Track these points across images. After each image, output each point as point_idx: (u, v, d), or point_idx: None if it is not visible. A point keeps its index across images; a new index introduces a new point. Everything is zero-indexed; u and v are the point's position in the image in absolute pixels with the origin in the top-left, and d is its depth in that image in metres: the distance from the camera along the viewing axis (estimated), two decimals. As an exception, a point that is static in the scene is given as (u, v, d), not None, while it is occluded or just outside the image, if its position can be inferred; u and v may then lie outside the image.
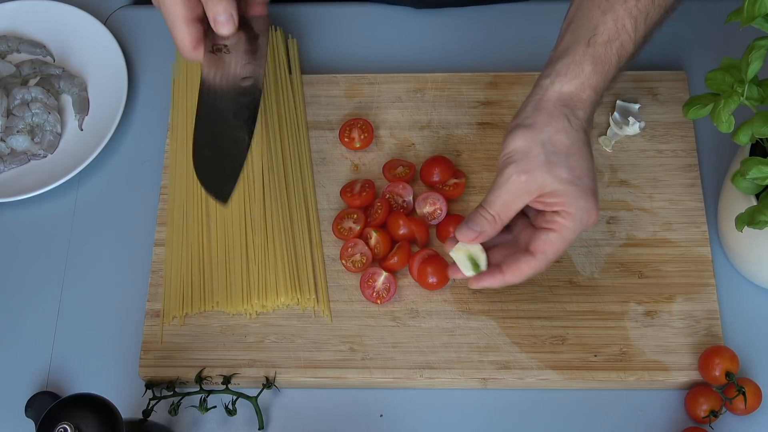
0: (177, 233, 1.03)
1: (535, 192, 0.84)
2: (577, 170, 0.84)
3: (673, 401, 0.95)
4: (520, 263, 0.86)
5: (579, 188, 0.84)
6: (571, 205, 0.84)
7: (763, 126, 0.82)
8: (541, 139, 0.84)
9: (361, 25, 1.17)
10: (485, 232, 0.86)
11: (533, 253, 0.86)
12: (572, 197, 0.84)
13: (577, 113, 0.85)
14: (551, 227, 0.85)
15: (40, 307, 1.02)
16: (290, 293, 0.98)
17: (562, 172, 0.83)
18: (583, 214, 0.85)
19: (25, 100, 1.11)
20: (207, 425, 0.95)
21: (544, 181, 0.83)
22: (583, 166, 0.85)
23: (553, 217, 0.85)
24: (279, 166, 1.05)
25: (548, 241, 0.85)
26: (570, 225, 0.85)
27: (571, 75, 0.85)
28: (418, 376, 0.95)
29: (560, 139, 0.84)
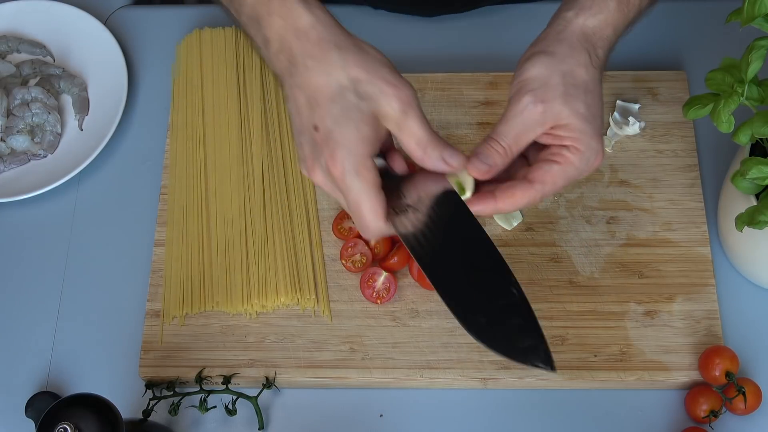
0: (177, 233, 1.03)
1: (549, 123, 0.79)
2: (593, 108, 0.80)
3: (673, 401, 0.95)
4: (515, 190, 0.80)
5: (592, 127, 0.80)
6: (583, 141, 0.79)
7: (763, 126, 0.82)
8: (562, 69, 0.79)
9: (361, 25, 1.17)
10: (497, 165, 0.79)
11: (531, 181, 0.80)
12: (585, 134, 0.79)
13: (597, 51, 0.81)
14: (556, 159, 0.80)
15: (40, 307, 1.02)
16: (290, 293, 0.98)
17: (579, 106, 0.79)
18: (591, 153, 0.80)
19: (25, 100, 1.11)
20: (207, 425, 0.95)
21: (560, 113, 0.78)
22: (598, 105, 0.81)
23: (560, 150, 0.80)
24: (279, 166, 1.05)
25: (550, 172, 0.80)
26: (576, 161, 0.80)
27: (595, 9, 0.82)
28: (418, 376, 0.95)
29: (580, 73, 0.80)
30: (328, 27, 0.77)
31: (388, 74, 0.76)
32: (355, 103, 0.75)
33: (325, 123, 0.75)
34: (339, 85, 0.75)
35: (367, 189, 0.75)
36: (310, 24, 0.77)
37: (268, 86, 1.10)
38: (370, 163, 0.76)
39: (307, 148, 0.78)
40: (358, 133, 0.75)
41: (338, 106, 0.75)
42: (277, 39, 0.78)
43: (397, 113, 0.75)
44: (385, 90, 0.75)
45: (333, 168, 0.75)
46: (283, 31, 0.77)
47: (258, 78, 1.10)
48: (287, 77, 0.78)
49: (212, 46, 1.13)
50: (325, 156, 0.76)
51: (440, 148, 0.77)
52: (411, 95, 0.76)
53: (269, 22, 0.78)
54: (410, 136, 0.76)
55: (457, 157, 0.78)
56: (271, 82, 1.10)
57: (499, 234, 1.01)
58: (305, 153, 0.78)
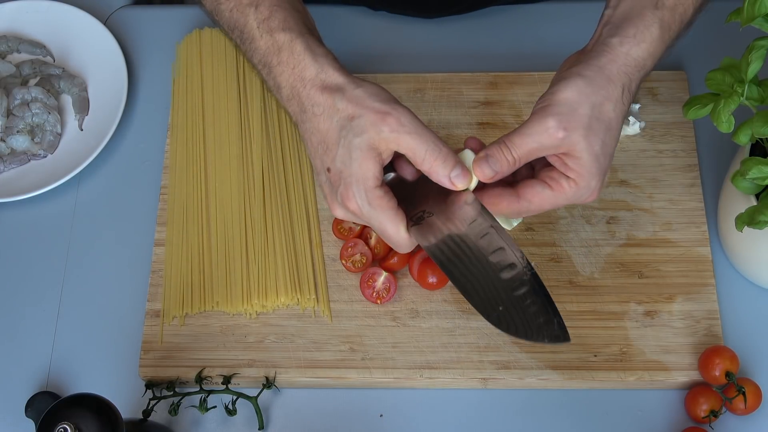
0: (177, 233, 1.03)
1: (562, 150, 0.80)
2: (607, 147, 0.81)
3: (673, 401, 0.95)
4: (502, 199, 0.83)
5: (599, 166, 0.81)
6: (584, 178, 0.81)
7: (763, 126, 0.82)
8: (593, 101, 0.80)
9: (361, 25, 1.17)
10: (502, 173, 0.82)
11: (519, 196, 0.82)
12: (589, 172, 0.81)
13: (632, 86, 0.82)
14: (551, 185, 0.82)
15: (40, 306, 1.02)
16: (290, 293, 0.98)
17: (596, 143, 0.80)
18: (586, 190, 0.82)
19: (25, 100, 1.11)
20: (207, 425, 0.95)
21: (576, 144, 0.80)
22: (612, 145, 0.82)
23: (559, 178, 0.82)
24: (279, 166, 1.05)
25: (540, 194, 0.82)
26: (569, 193, 0.82)
27: (639, 38, 0.82)
28: (418, 376, 0.95)
29: (608, 109, 0.81)
30: (331, 74, 0.83)
31: (376, 103, 0.80)
32: (353, 142, 0.80)
33: (335, 165, 0.81)
34: (340, 127, 0.81)
35: (384, 214, 0.81)
36: (315, 73, 0.83)
37: (268, 86, 1.10)
38: (380, 192, 0.81)
39: (326, 188, 0.84)
40: (362, 170, 0.80)
41: (342, 148, 0.81)
42: (288, 86, 0.85)
43: (391, 135, 0.79)
44: (374, 120, 0.79)
45: (349, 204, 0.81)
46: (292, 79, 0.84)
47: (258, 78, 1.10)
48: (300, 122, 0.85)
49: (212, 46, 1.13)
50: (339, 194, 0.82)
51: (449, 167, 0.80)
52: (401, 116, 0.80)
53: (279, 71, 0.85)
54: (411, 152, 0.80)
55: (463, 179, 0.81)
56: (271, 82, 1.10)
57: (499, 234, 1.01)
58: (325, 192, 0.84)
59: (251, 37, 0.88)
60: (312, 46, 0.85)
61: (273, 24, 0.87)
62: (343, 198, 0.81)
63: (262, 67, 0.88)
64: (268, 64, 0.87)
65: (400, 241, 0.83)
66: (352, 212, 0.82)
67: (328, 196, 0.84)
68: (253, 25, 0.88)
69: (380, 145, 0.80)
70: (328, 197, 0.84)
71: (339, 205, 0.83)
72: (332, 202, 0.83)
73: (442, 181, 0.81)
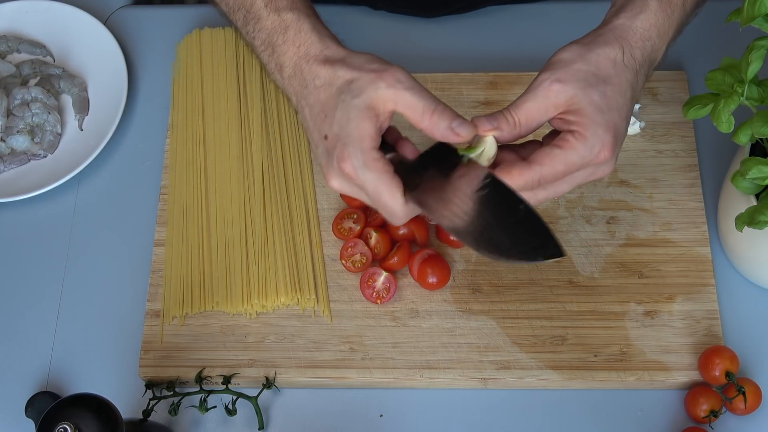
0: (177, 233, 1.03)
1: (561, 105, 0.79)
2: (610, 99, 0.80)
3: (673, 401, 0.95)
4: (513, 168, 0.80)
5: (604, 117, 0.79)
6: (589, 128, 0.79)
7: (763, 126, 0.82)
8: (588, 58, 0.80)
9: (361, 25, 1.17)
10: (501, 129, 0.80)
11: (529, 162, 0.80)
12: (593, 122, 0.79)
13: (634, 52, 0.82)
14: (559, 143, 0.79)
15: (40, 307, 1.02)
16: (290, 293, 0.98)
17: (594, 94, 0.79)
18: (597, 143, 0.79)
19: (25, 100, 1.11)
20: (207, 425, 0.95)
21: (573, 96, 0.79)
22: (618, 101, 0.80)
23: (565, 135, 0.80)
24: (279, 166, 1.05)
25: (550, 155, 0.79)
26: (579, 147, 0.79)
27: (636, 9, 0.83)
28: (418, 376, 0.95)
29: (606, 65, 0.81)
30: (334, 49, 0.84)
31: (374, 64, 0.81)
32: (352, 103, 0.79)
33: (332, 130, 0.80)
34: (339, 92, 0.81)
35: (380, 177, 0.79)
36: (320, 50, 0.84)
37: (268, 86, 1.10)
38: (376, 155, 0.79)
39: (323, 159, 0.82)
40: (360, 131, 0.79)
41: (340, 111, 0.80)
42: (291, 65, 0.85)
43: (388, 92, 0.79)
44: (371, 78, 0.79)
45: (344, 167, 0.79)
46: (297, 58, 0.85)
47: (258, 78, 1.10)
48: (300, 98, 0.84)
49: (212, 46, 1.13)
50: (335, 158, 0.80)
51: (448, 117, 0.79)
52: (397, 73, 0.79)
53: (284, 49, 0.86)
54: (411, 109, 0.79)
55: (466, 127, 0.79)
56: (271, 82, 1.10)
57: (499, 234, 1.01)
58: (322, 164, 0.83)
59: (257, 17, 0.88)
60: (318, 27, 0.86)
61: (280, 3, 0.87)
62: (339, 160, 0.79)
63: (265, 47, 0.87)
64: (272, 44, 0.87)
65: (395, 208, 0.79)
66: (347, 176, 0.80)
67: (325, 166, 0.82)
68: (260, 4, 0.88)
69: (378, 105, 0.79)
70: (325, 167, 0.82)
71: (335, 171, 0.80)
72: (328, 170, 0.81)
73: (444, 135, 0.79)
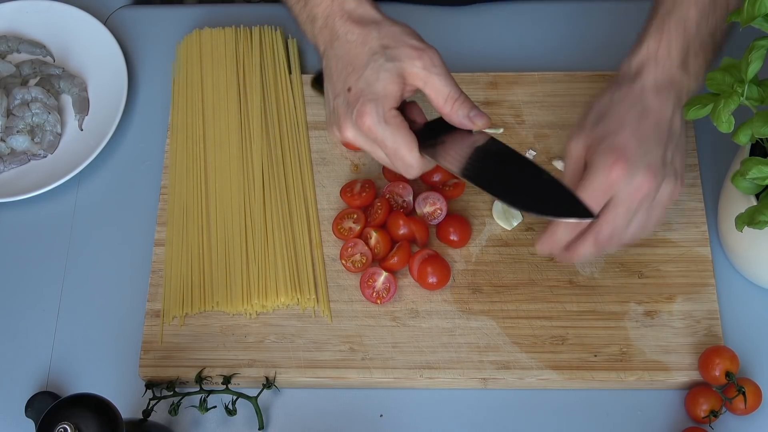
0: (177, 233, 1.03)
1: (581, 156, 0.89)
2: (608, 126, 0.89)
3: (673, 401, 0.95)
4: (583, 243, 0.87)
5: (602, 146, 0.87)
6: (592, 161, 0.87)
7: (763, 126, 0.82)
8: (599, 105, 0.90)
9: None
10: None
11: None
12: (596, 153, 0.87)
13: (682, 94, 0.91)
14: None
15: (40, 307, 1.02)
16: (290, 293, 0.98)
17: (595, 132, 0.89)
18: (604, 166, 0.86)
19: (25, 100, 1.11)
20: (207, 425, 0.95)
21: (570, 149, 0.90)
22: (621, 120, 0.89)
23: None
24: (279, 166, 1.05)
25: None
26: (590, 175, 0.86)
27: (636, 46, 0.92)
28: (418, 376, 0.95)
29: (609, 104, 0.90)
30: (368, 10, 0.89)
31: (413, 41, 0.87)
32: (385, 65, 0.85)
33: (357, 84, 0.86)
34: (372, 52, 0.86)
35: (398, 132, 0.85)
36: (354, 7, 0.89)
37: (268, 86, 1.10)
38: (396, 113, 0.86)
39: (341, 109, 0.87)
40: (385, 91, 0.85)
41: (370, 69, 0.86)
42: (323, 17, 0.90)
43: (422, 72, 0.85)
44: (410, 53, 0.86)
45: (363, 121, 0.85)
46: (330, 11, 0.90)
47: (258, 78, 1.10)
48: (328, 48, 0.90)
49: (212, 46, 1.13)
50: (355, 111, 0.85)
51: (467, 106, 0.86)
52: (434, 57, 0.86)
53: (317, 2, 0.91)
54: (436, 92, 0.86)
55: (482, 118, 0.87)
56: (271, 82, 1.10)
57: (499, 234, 1.01)
58: (338, 113, 0.88)
59: None
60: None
61: None
62: (359, 114, 0.85)
63: (297, 0, 0.93)
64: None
65: (411, 160, 0.86)
66: (365, 130, 0.85)
67: (342, 116, 0.87)
68: None
69: (408, 78, 0.86)
70: (341, 117, 0.87)
71: (352, 123, 0.86)
72: (345, 121, 0.87)
73: (462, 122, 0.86)
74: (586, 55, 1.13)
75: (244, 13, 1.19)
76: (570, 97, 1.08)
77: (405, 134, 0.85)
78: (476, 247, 1.01)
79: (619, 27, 1.14)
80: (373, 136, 0.86)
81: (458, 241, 1.00)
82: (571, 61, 1.12)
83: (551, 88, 1.08)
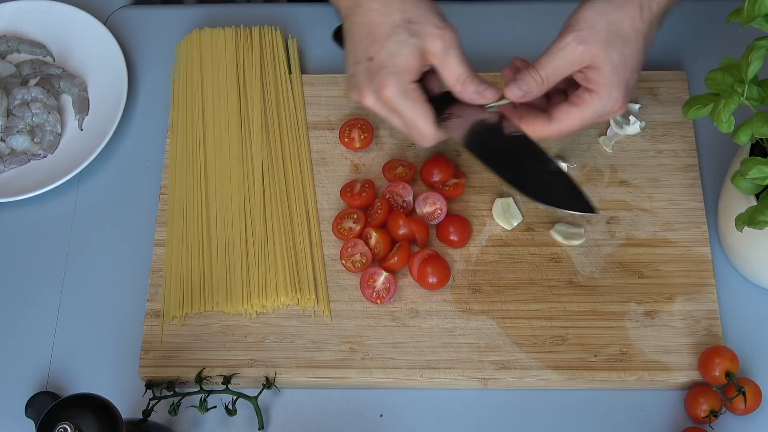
0: (177, 233, 1.03)
1: (585, 63, 0.88)
2: (627, 58, 0.88)
3: (673, 401, 0.95)
4: (536, 121, 0.90)
5: (619, 77, 0.88)
6: (604, 87, 0.88)
7: (763, 126, 0.82)
8: (610, 18, 0.88)
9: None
10: (532, 92, 0.90)
11: (550, 119, 0.90)
12: (609, 82, 0.88)
13: (651, 5, 0.89)
14: (576, 102, 0.89)
15: (40, 307, 1.02)
16: (290, 293, 0.98)
17: (614, 54, 0.87)
18: (609, 100, 0.88)
19: (25, 100, 1.11)
20: (207, 425, 0.95)
21: (596, 56, 0.87)
22: (633, 58, 0.89)
23: (582, 93, 0.89)
24: (279, 166, 1.05)
25: (568, 113, 0.89)
26: (594, 105, 0.89)
27: None
28: (418, 376, 0.95)
29: (626, 24, 0.88)
30: None
31: (435, 19, 0.89)
32: (407, 41, 0.88)
33: (380, 55, 0.88)
34: (394, 24, 0.88)
35: (416, 104, 0.89)
36: None
37: (268, 86, 1.10)
38: (415, 86, 0.89)
39: (362, 76, 0.90)
40: (407, 64, 0.88)
41: (392, 42, 0.88)
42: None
43: (440, 51, 0.88)
44: (431, 31, 0.88)
45: (384, 92, 0.88)
46: None
47: (258, 78, 1.10)
48: (350, 15, 0.91)
49: (212, 46, 1.13)
50: (377, 82, 0.88)
51: (476, 83, 0.90)
52: (453, 37, 0.88)
53: None
54: (450, 72, 0.89)
55: (491, 91, 0.90)
56: (271, 82, 1.10)
57: (499, 234, 1.01)
58: (359, 80, 0.90)
59: None
60: None
61: None
62: (380, 85, 0.88)
63: None
64: None
65: (428, 131, 0.90)
66: (385, 100, 0.89)
67: (363, 84, 0.90)
68: None
69: (428, 55, 0.88)
70: (363, 84, 0.90)
71: (373, 93, 0.89)
72: (366, 89, 0.89)
73: (473, 98, 0.90)
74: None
75: (244, 13, 1.19)
76: (570, 97, 1.08)
77: (423, 107, 0.89)
78: (476, 247, 1.01)
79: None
80: (392, 106, 0.89)
81: (458, 241, 1.00)
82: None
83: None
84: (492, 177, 1.04)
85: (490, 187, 1.04)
